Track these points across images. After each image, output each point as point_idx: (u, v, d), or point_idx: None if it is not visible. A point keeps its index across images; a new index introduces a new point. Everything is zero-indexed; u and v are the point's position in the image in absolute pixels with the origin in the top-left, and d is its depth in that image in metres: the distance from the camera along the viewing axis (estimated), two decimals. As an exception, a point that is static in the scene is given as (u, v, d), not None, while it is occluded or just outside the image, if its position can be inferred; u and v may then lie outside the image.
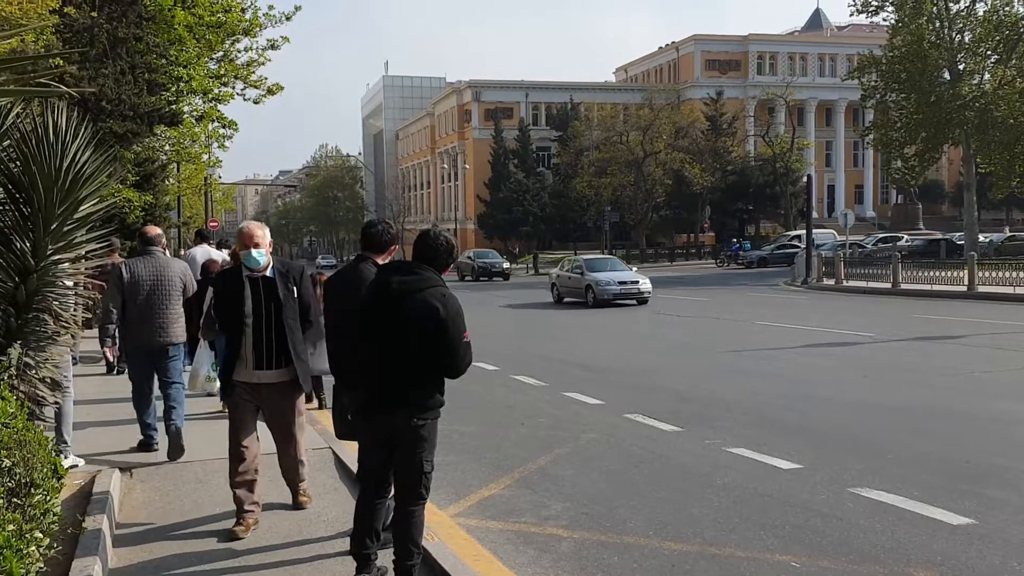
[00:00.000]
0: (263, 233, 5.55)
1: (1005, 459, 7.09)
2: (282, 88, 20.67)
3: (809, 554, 5.16)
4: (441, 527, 5.58)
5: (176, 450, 7.17)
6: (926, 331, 16.64)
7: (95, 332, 12.05)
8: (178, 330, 7.69)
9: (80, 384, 9.19)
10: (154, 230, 8.15)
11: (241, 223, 5.50)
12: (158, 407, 7.77)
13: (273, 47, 20.20)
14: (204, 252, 13.13)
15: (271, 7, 19.89)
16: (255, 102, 20.59)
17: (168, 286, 7.59)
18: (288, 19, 20.18)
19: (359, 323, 4.47)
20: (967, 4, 39.58)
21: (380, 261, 5.11)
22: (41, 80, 5.20)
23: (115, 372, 12.05)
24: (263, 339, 5.44)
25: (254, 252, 5.46)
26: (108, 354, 11.93)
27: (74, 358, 8.68)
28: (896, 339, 15.67)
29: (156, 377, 7.69)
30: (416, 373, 4.32)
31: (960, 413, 9.13)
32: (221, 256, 12.69)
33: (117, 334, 8.78)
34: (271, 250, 5.58)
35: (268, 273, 5.52)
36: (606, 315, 23.23)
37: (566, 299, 27.59)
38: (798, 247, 43.76)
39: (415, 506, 4.44)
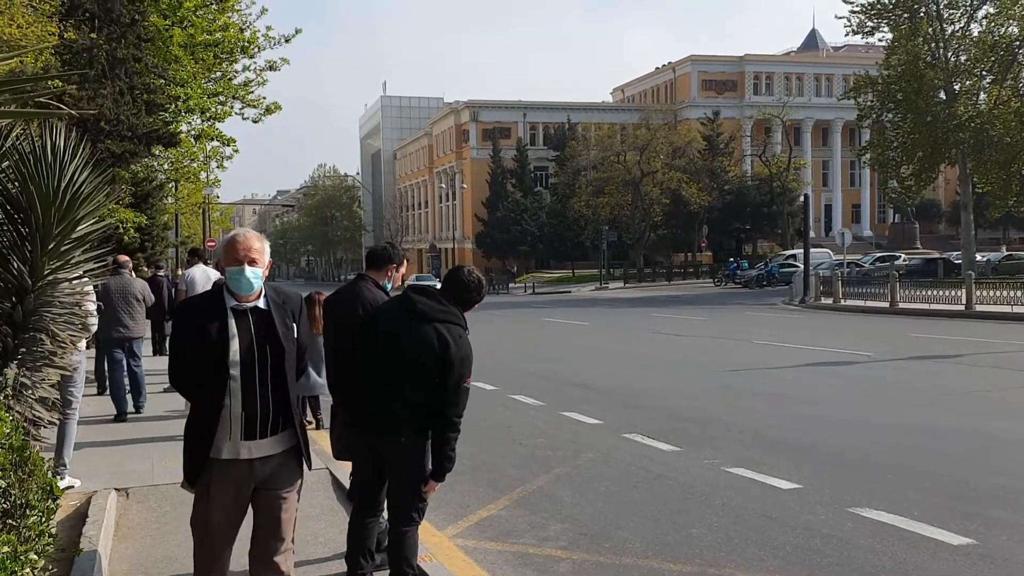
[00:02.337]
0: (262, 247, 3.83)
1: (1005, 479, 7.07)
2: (280, 108, 20.77)
3: (809, 574, 5.13)
4: (439, 548, 5.55)
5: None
6: (924, 350, 16.64)
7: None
8: (138, 328, 10.70)
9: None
10: (124, 257, 11.18)
11: (235, 230, 3.88)
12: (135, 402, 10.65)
13: (272, 68, 20.31)
14: (202, 272, 13.12)
15: (269, 28, 20.02)
16: (254, 121, 20.70)
17: (131, 297, 10.52)
18: (288, 41, 20.30)
19: (359, 334, 4.46)
20: (962, 25, 39.88)
21: (378, 279, 5.07)
22: (40, 100, 5.21)
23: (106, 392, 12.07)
24: (256, 397, 3.74)
25: (248, 271, 3.72)
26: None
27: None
28: (894, 358, 15.67)
29: (125, 359, 10.49)
30: (409, 394, 4.29)
31: (959, 432, 9.11)
32: (219, 276, 12.68)
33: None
34: (267, 272, 3.91)
35: (261, 304, 3.81)
36: (604, 335, 23.21)
37: None
38: (796, 266, 43.99)
39: (407, 527, 4.41)
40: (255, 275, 3.75)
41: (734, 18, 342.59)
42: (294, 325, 3.87)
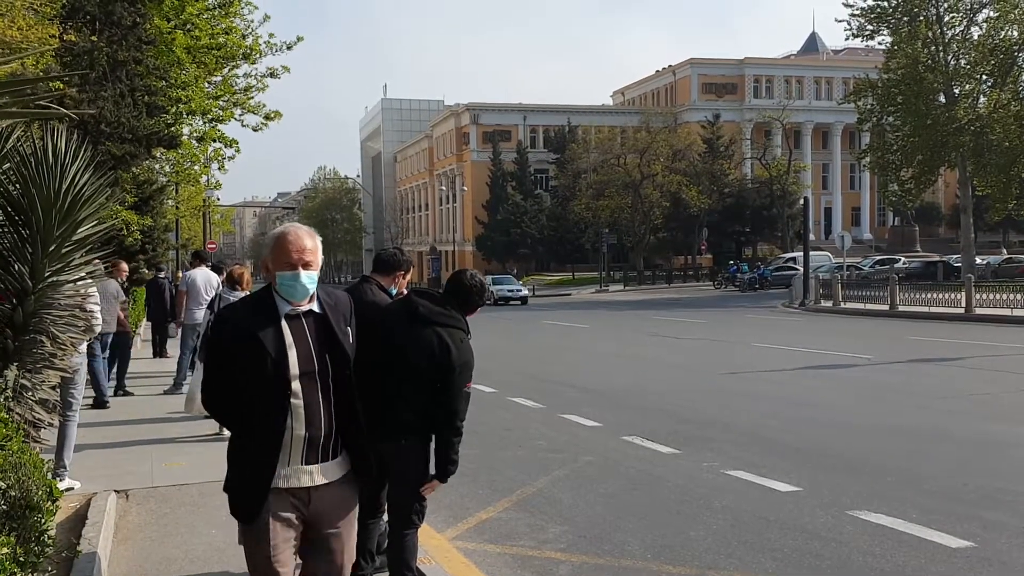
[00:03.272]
0: (315, 245, 3.36)
1: (1004, 482, 7.08)
2: (280, 116, 20.76)
3: (808, 577, 5.13)
4: (439, 550, 5.55)
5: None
6: (924, 353, 16.64)
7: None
8: (113, 324, 11.59)
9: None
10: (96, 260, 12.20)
11: (283, 226, 3.42)
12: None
13: (273, 75, 20.32)
14: (203, 274, 13.17)
15: (271, 35, 20.03)
16: (254, 129, 20.69)
17: (108, 295, 11.18)
18: (289, 48, 20.31)
19: (358, 337, 4.46)
20: (962, 29, 39.94)
21: (384, 284, 5.05)
22: (41, 103, 5.22)
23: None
24: (320, 414, 3.26)
25: (303, 276, 3.25)
26: None
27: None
28: (894, 361, 15.67)
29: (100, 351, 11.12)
30: (410, 397, 4.30)
31: (958, 435, 9.12)
32: (219, 279, 12.71)
33: None
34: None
35: (315, 307, 3.36)
36: (603, 337, 23.22)
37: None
38: (794, 269, 44.15)
39: (407, 530, 4.41)
40: (311, 279, 3.27)
41: (735, 21, 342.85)
42: (348, 329, 3.43)
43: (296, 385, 3.19)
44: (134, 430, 9.74)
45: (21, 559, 3.37)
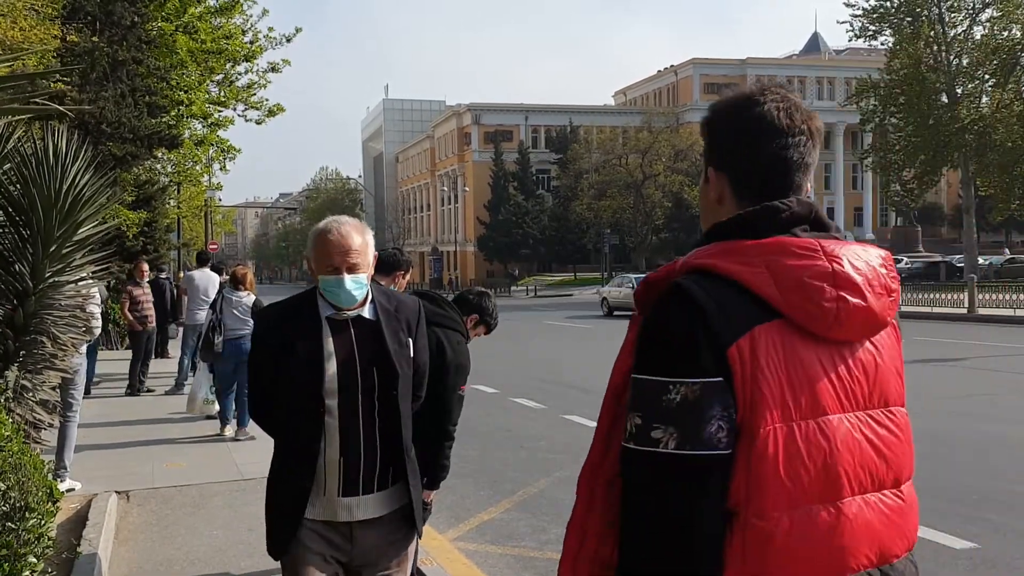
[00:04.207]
0: (364, 243, 2.88)
1: (1007, 483, 7.05)
2: (283, 109, 20.79)
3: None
4: (440, 551, 5.54)
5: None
6: (926, 354, 16.61)
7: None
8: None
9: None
10: None
11: (326, 222, 2.94)
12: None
13: (274, 70, 20.34)
14: (203, 275, 13.16)
15: (271, 29, 20.06)
16: (256, 123, 20.73)
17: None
18: (288, 41, 20.33)
19: None
20: (964, 28, 39.91)
21: (385, 284, 5.03)
22: (40, 101, 5.21)
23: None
24: (360, 438, 2.82)
25: (349, 282, 2.81)
26: None
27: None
28: (896, 362, 15.64)
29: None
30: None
31: (962, 436, 9.09)
32: (219, 279, 12.71)
33: None
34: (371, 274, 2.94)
35: (366, 312, 2.91)
36: (605, 338, 23.20)
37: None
38: None
39: None
40: (358, 284, 2.80)
41: (736, 21, 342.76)
42: (410, 340, 2.93)
43: (332, 402, 2.76)
44: (135, 431, 9.74)
45: (21, 561, 3.36)
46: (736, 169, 1.61)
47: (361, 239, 2.84)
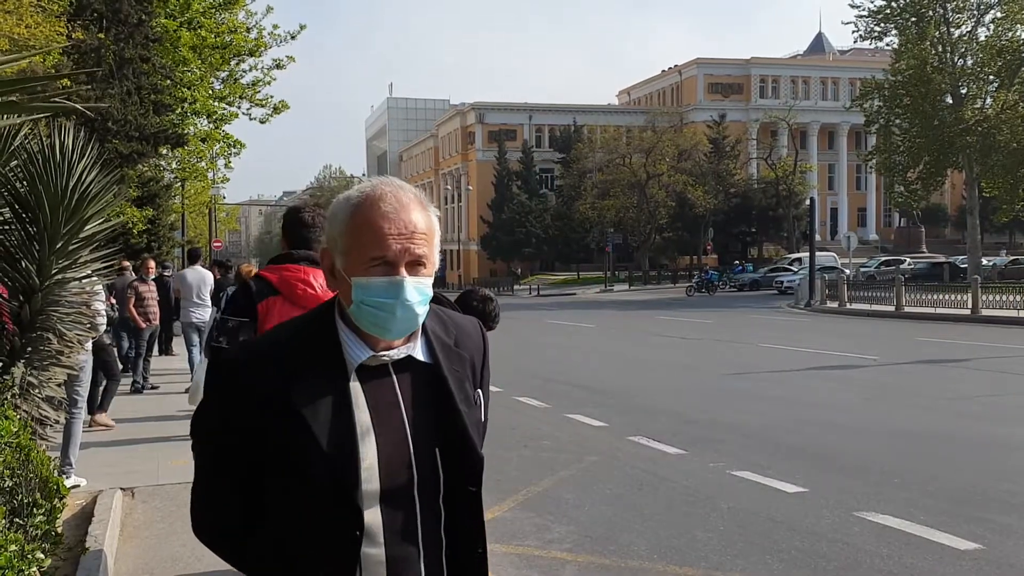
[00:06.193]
0: (430, 226, 1.72)
1: (1011, 484, 7.05)
2: (288, 106, 20.83)
3: (815, 579, 5.12)
4: (444, 550, 5.54)
5: None
6: (930, 354, 16.60)
7: None
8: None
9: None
10: None
11: (365, 184, 1.71)
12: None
13: (279, 67, 20.38)
14: (195, 274, 13.10)
15: (275, 26, 20.10)
16: (261, 121, 20.78)
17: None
18: (293, 38, 20.37)
19: None
20: (969, 29, 39.86)
21: None
22: (51, 99, 5.22)
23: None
24: (419, 549, 1.72)
25: (411, 287, 1.66)
26: None
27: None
28: (900, 362, 15.63)
29: None
30: None
31: (965, 437, 9.08)
32: (212, 277, 12.69)
33: None
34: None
35: (418, 352, 1.75)
36: (608, 337, 23.20)
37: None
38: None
39: None
40: (423, 295, 1.68)
41: (740, 20, 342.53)
42: (479, 394, 1.86)
43: (374, 517, 1.65)
44: (140, 428, 9.76)
45: (28, 556, 3.37)
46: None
47: (426, 219, 1.70)
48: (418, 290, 1.66)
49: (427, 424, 1.72)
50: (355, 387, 1.68)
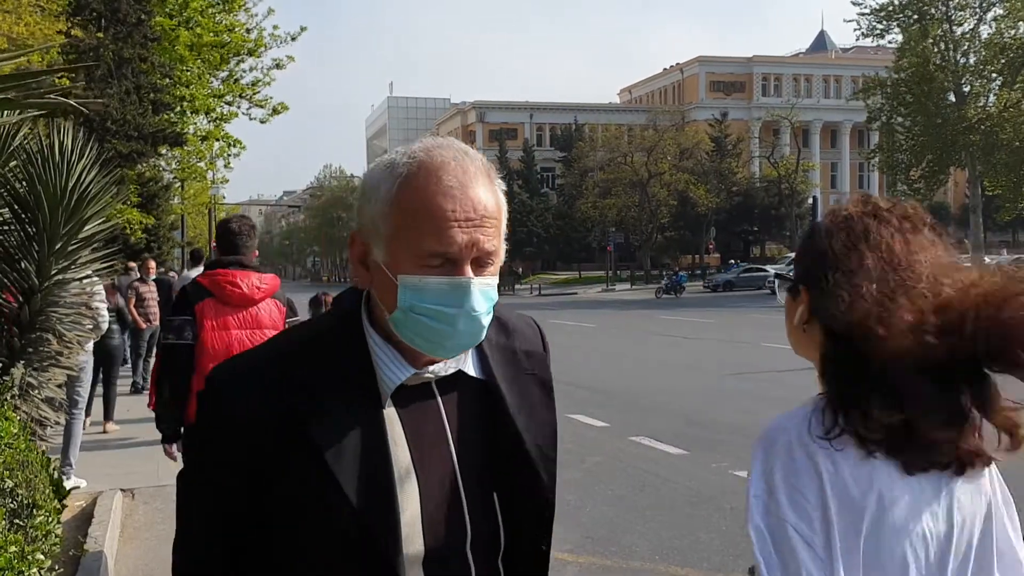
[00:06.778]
0: (498, 206, 1.29)
1: (1015, 482, 7.01)
2: (287, 108, 20.82)
3: (818, 580, 5.08)
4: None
5: None
6: (933, 353, 16.56)
7: None
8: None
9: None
10: None
11: (417, 146, 1.27)
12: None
13: (279, 67, 20.37)
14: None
15: (276, 27, 20.07)
16: (261, 122, 20.78)
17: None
18: (293, 39, 20.35)
19: None
20: (971, 27, 39.82)
21: None
22: (53, 97, 5.21)
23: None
24: None
25: (479, 289, 1.25)
26: None
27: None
28: (903, 361, 15.59)
29: None
30: None
31: (969, 437, 9.05)
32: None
33: None
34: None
35: (470, 367, 1.37)
36: (610, 337, 23.18)
37: None
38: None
39: None
40: (489, 300, 1.29)
41: (741, 19, 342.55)
42: (548, 419, 1.58)
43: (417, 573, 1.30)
44: (139, 429, 9.73)
45: (29, 557, 3.35)
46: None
47: (495, 198, 1.30)
48: (485, 295, 1.27)
49: (483, 460, 1.36)
50: (391, 415, 1.29)
